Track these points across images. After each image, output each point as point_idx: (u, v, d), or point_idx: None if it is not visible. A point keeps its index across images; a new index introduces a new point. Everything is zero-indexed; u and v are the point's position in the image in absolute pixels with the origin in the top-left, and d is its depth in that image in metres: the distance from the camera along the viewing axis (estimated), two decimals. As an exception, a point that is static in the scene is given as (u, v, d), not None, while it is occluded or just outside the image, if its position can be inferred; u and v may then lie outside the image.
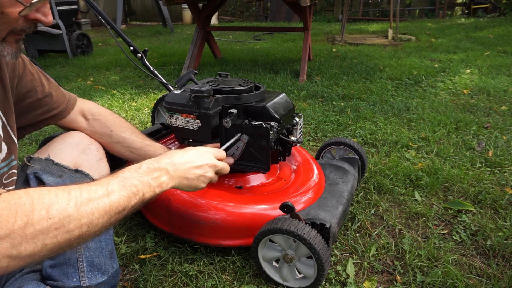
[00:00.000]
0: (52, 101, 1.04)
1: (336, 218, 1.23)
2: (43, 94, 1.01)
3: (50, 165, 0.94)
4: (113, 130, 1.15)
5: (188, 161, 0.87)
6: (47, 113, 1.04)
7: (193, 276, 1.21)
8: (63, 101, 1.08)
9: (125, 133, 1.17)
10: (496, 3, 8.18)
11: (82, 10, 7.91)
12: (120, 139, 1.15)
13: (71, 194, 0.62)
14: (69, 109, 1.10)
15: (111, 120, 1.17)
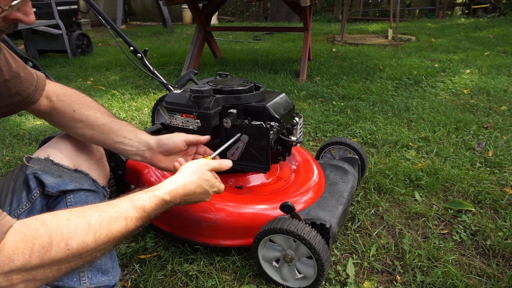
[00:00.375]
0: (20, 82, 0.91)
1: (336, 218, 1.23)
2: (10, 75, 0.88)
3: (49, 165, 0.94)
4: (76, 109, 1.02)
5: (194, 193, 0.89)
6: (16, 96, 0.91)
7: (193, 276, 1.21)
8: (32, 81, 0.95)
9: (89, 111, 1.03)
10: (496, 3, 8.18)
11: (82, 10, 7.91)
12: (83, 118, 1.02)
13: (91, 225, 0.62)
14: (40, 90, 0.97)
15: (75, 99, 1.04)
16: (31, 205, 0.89)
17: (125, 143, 1.03)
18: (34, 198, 0.90)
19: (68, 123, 1.02)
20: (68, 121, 1.01)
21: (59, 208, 0.90)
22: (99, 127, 1.03)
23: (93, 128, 1.02)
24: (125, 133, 1.04)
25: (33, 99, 0.95)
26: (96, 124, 1.03)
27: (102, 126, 1.03)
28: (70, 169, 0.95)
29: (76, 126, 1.02)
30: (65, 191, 0.90)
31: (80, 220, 0.61)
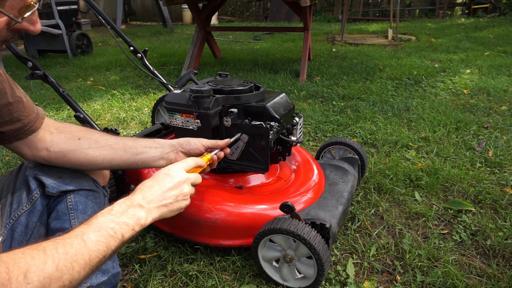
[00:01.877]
0: (23, 107, 0.86)
1: (336, 218, 1.23)
2: (14, 98, 0.84)
3: (49, 165, 0.94)
4: (81, 137, 0.96)
5: (158, 187, 0.82)
6: (16, 122, 0.85)
7: (193, 276, 1.22)
8: (32, 109, 0.90)
9: (95, 135, 0.99)
10: (496, 3, 8.18)
11: (82, 10, 7.91)
12: (92, 142, 0.96)
13: (47, 252, 0.59)
14: (40, 119, 0.91)
15: (77, 129, 0.98)
16: (32, 206, 0.89)
17: (147, 152, 1.00)
18: (34, 198, 0.90)
19: (73, 153, 0.94)
20: (73, 150, 0.94)
21: (60, 208, 0.90)
22: (110, 146, 0.98)
23: (105, 149, 0.97)
24: (142, 143, 1.01)
25: (33, 126, 0.89)
26: (107, 144, 0.98)
27: (114, 145, 0.98)
28: (69, 169, 0.95)
29: (85, 153, 0.95)
30: (65, 191, 0.90)
31: (35, 251, 0.58)
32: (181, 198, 0.84)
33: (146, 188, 0.81)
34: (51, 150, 0.92)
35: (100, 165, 0.97)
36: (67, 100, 1.50)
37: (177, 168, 0.88)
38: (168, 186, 0.83)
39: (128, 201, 0.77)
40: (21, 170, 0.95)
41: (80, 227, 0.67)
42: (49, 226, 0.90)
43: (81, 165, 0.95)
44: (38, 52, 5.37)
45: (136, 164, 1.00)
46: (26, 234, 0.88)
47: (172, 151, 1.02)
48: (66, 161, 0.93)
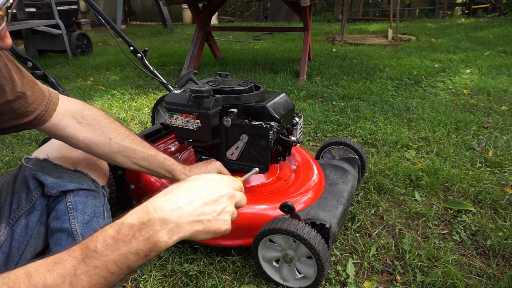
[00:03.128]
0: (26, 103, 0.81)
1: (336, 218, 1.23)
2: (14, 95, 0.79)
3: (48, 165, 0.94)
4: (112, 138, 0.95)
5: (199, 194, 0.59)
6: (21, 117, 0.82)
7: (193, 276, 1.21)
8: (41, 101, 0.85)
9: (125, 141, 0.97)
10: (496, 3, 8.17)
11: (82, 10, 7.91)
12: (121, 149, 0.96)
13: None
14: (50, 111, 0.86)
15: (107, 125, 0.95)
16: (31, 206, 0.89)
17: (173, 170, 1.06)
18: (34, 199, 0.90)
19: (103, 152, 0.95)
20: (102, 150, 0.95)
21: (59, 208, 0.90)
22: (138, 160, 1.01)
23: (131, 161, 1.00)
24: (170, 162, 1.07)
25: (42, 119, 0.85)
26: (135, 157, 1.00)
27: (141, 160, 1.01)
28: (69, 169, 0.95)
29: (114, 156, 0.97)
30: (65, 191, 0.90)
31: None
32: (222, 217, 0.62)
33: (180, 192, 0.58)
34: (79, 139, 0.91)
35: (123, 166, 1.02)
36: (67, 100, 1.49)
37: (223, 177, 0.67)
38: (212, 197, 0.60)
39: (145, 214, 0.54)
40: (20, 170, 0.95)
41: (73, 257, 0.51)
42: (49, 226, 0.90)
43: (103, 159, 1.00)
44: (38, 52, 5.37)
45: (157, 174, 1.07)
46: (26, 234, 0.88)
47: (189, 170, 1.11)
48: (93, 153, 0.96)
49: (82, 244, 0.53)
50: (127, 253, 0.52)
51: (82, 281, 0.49)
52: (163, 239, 0.53)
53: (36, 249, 0.91)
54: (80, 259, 0.51)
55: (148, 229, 0.53)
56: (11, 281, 0.47)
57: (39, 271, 0.49)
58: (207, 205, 0.59)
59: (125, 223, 0.53)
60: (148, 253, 0.53)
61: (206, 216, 0.59)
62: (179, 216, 0.55)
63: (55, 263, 0.50)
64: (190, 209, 0.57)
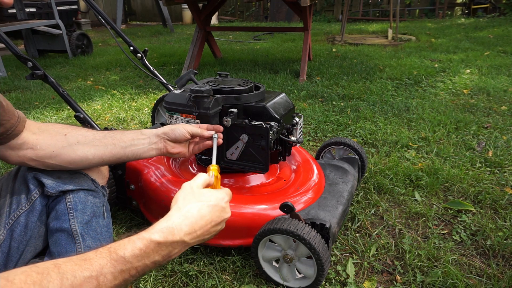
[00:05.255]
0: (3, 111, 0.80)
1: (336, 218, 1.23)
2: None
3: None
4: (67, 133, 0.92)
5: (210, 220, 0.75)
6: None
7: (193, 276, 1.21)
8: (13, 112, 0.84)
9: (81, 131, 0.95)
10: (496, 3, 8.17)
11: (82, 10, 7.91)
12: (79, 138, 0.92)
13: None
14: (22, 122, 0.86)
15: (60, 126, 0.95)
16: (31, 206, 0.89)
17: (135, 144, 0.98)
18: (33, 199, 0.90)
19: (62, 149, 0.90)
20: (61, 147, 0.90)
21: (59, 208, 0.90)
22: (99, 141, 0.94)
23: (95, 144, 0.93)
24: (130, 136, 0.99)
25: (15, 130, 0.84)
26: (95, 139, 0.94)
27: (102, 139, 0.95)
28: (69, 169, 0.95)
29: (74, 149, 0.91)
30: (64, 191, 0.90)
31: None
32: (219, 229, 0.80)
33: (198, 217, 0.72)
34: (37, 148, 0.88)
35: (91, 161, 0.93)
36: (67, 100, 1.50)
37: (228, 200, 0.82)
38: (217, 221, 0.77)
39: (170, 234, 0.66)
40: (20, 170, 0.95)
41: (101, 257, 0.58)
42: (49, 226, 0.90)
43: (72, 162, 0.91)
44: (38, 52, 5.37)
45: (126, 157, 0.97)
46: (26, 234, 0.88)
47: (159, 140, 1.02)
48: (55, 157, 0.89)
49: (109, 247, 0.61)
50: (148, 263, 0.63)
51: (107, 279, 0.57)
52: (176, 253, 0.70)
53: (36, 249, 0.91)
54: (107, 260, 0.59)
55: (170, 248, 0.67)
56: (40, 269, 0.52)
57: (67, 264, 0.55)
58: (213, 227, 0.76)
59: (153, 240, 0.65)
60: (161, 263, 0.66)
61: (211, 234, 0.76)
62: (193, 237, 0.72)
63: (82, 260, 0.57)
64: (202, 232, 0.73)
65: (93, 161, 0.93)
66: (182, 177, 1.38)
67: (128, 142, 0.98)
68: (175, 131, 1.03)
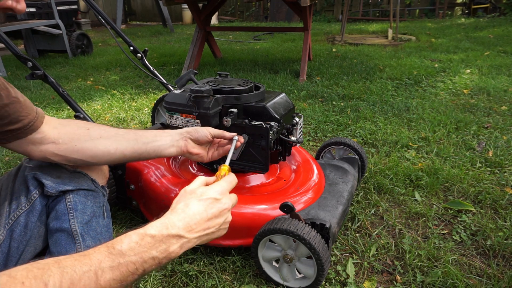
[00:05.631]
0: (20, 107, 0.82)
1: (336, 218, 1.23)
2: (9, 99, 0.80)
3: (48, 165, 0.94)
4: (90, 127, 0.93)
5: (205, 213, 0.72)
6: (15, 123, 0.82)
7: (193, 276, 1.21)
8: (32, 108, 0.86)
9: (103, 127, 0.97)
10: (496, 3, 8.17)
11: (82, 10, 7.91)
12: (102, 132, 0.93)
13: (49, 286, 0.52)
14: (40, 117, 0.87)
15: (82, 122, 0.96)
16: (31, 206, 0.89)
17: (157, 140, 0.98)
18: (33, 198, 0.90)
19: (84, 143, 0.90)
20: (84, 141, 0.90)
21: (59, 208, 0.90)
22: (122, 136, 0.95)
23: (117, 139, 0.93)
24: (152, 133, 1.00)
25: (33, 126, 0.85)
26: (118, 134, 0.95)
27: (125, 134, 0.95)
28: (68, 169, 0.95)
29: (96, 143, 0.91)
30: (64, 191, 0.90)
31: (36, 282, 0.52)
32: (223, 226, 0.77)
33: (191, 213, 0.71)
34: (60, 142, 0.88)
35: (113, 156, 0.93)
36: (67, 100, 1.50)
37: (224, 191, 0.79)
38: (214, 214, 0.73)
39: (165, 229, 0.66)
40: (20, 170, 0.95)
41: (98, 252, 0.60)
42: (48, 226, 0.90)
43: (94, 156, 0.91)
44: (38, 52, 5.37)
45: (147, 153, 0.97)
46: (26, 234, 0.88)
47: (181, 138, 1.01)
48: (77, 151, 0.89)
49: (107, 244, 0.62)
50: (146, 258, 0.63)
51: (105, 273, 0.58)
52: (176, 250, 0.67)
53: (36, 249, 0.91)
54: (105, 255, 0.60)
55: (165, 241, 0.66)
56: (41, 265, 0.54)
57: (67, 260, 0.57)
58: (211, 220, 0.73)
59: (147, 234, 0.65)
60: (161, 260, 0.65)
61: (210, 229, 0.73)
62: (190, 231, 0.69)
63: (81, 256, 0.59)
64: (199, 227, 0.71)
65: (115, 155, 0.93)
66: (182, 177, 1.38)
67: (150, 138, 0.98)
68: (198, 130, 1.03)
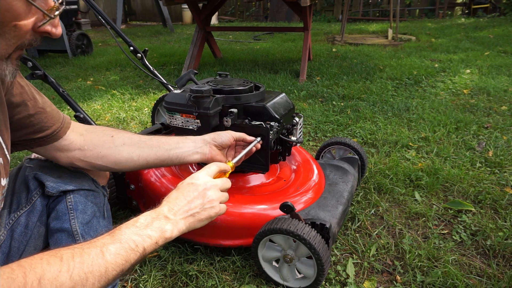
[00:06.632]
0: (46, 118, 0.86)
1: (336, 218, 1.23)
2: (35, 110, 0.84)
3: (49, 165, 0.94)
4: (114, 134, 0.97)
5: (183, 197, 0.80)
6: (39, 132, 0.85)
7: (193, 276, 1.21)
8: (58, 118, 0.90)
9: (127, 134, 1.00)
10: (496, 3, 8.17)
11: (82, 10, 7.91)
12: (126, 139, 0.97)
13: (63, 259, 0.59)
14: (65, 128, 0.90)
15: (108, 129, 1.00)
16: (31, 206, 0.89)
17: (180, 147, 1.00)
18: (34, 199, 0.90)
19: (108, 150, 0.94)
20: (108, 147, 0.94)
21: (59, 208, 0.90)
22: (145, 143, 0.98)
23: (140, 146, 0.96)
24: (175, 140, 1.02)
25: (57, 135, 0.89)
26: (141, 141, 0.98)
27: (148, 141, 0.98)
28: (69, 169, 0.95)
29: (120, 150, 0.95)
30: (65, 191, 0.90)
31: (53, 258, 0.59)
32: (208, 206, 0.81)
33: (171, 199, 0.79)
34: (85, 149, 0.92)
35: (136, 163, 0.96)
36: (67, 100, 1.50)
37: (201, 175, 0.85)
38: (193, 195, 0.81)
39: (154, 213, 0.75)
40: (20, 170, 0.95)
41: (102, 237, 0.67)
42: (49, 226, 0.90)
43: (117, 163, 0.95)
44: (38, 52, 5.37)
45: (170, 160, 0.99)
46: (26, 234, 0.88)
47: (205, 145, 1.02)
48: (102, 157, 0.93)
49: (108, 232, 0.69)
50: (144, 236, 0.70)
51: (109, 251, 0.64)
52: (169, 229, 0.74)
53: (36, 249, 0.91)
54: (108, 238, 0.67)
55: (158, 221, 0.74)
56: (52, 252, 0.61)
57: (77, 245, 0.64)
58: (192, 202, 0.80)
59: (141, 217, 0.74)
60: (158, 240, 0.71)
61: (193, 210, 0.79)
62: (175, 214, 0.77)
63: (88, 242, 0.65)
64: (181, 210, 0.78)
65: (138, 162, 0.96)
66: (182, 177, 1.38)
67: (173, 145, 1.00)
68: (221, 135, 1.05)
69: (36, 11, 0.60)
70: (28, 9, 0.59)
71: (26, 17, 0.59)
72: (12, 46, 0.61)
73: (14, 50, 0.62)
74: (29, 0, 0.58)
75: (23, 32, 0.60)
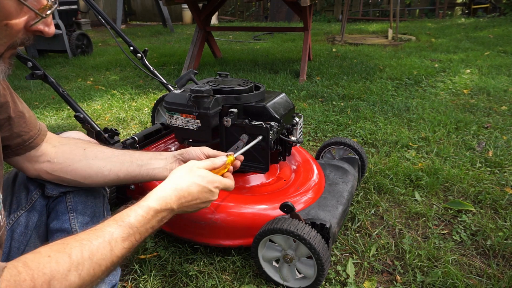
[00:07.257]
0: (24, 122, 0.83)
1: (336, 218, 1.23)
2: (15, 113, 0.80)
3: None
4: (87, 148, 0.94)
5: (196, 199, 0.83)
6: (16, 138, 0.82)
7: (193, 276, 1.21)
8: (35, 125, 0.87)
9: (100, 147, 0.97)
10: (496, 3, 8.17)
11: (82, 10, 7.91)
12: (98, 153, 0.93)
13: (72, 257, 0.59)
14: (41, 135, 0.88)
15: (82, 141, 0.97)
16: (31, 207, 0.89)
17: (152, 163, 0.97)
18: (34, 199, 0.90)
19: (79, 163, 0.90)
20: (78, 160, 0.90)
21: (59, 209, 0.90)
22: (117, 157, 0.95)
23: (112, 160, 0.93)
24: (148, 155, 0.98)
25: (33, 143, 0.86)
26: (114, 155, 0.95)
27: (120, 156, 0.95)
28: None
29: (90, 164, 0.91)
30: (64, 192, 0.90)
31: (61, 255, 0.59)
32: (202, 200, 0.85)
33: (185, 193, 0.81)
34: (54, 161, 0.89)
35: (107, 177, 0.92)
36: (67, 100, 1.50)
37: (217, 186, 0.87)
38: (202, 200, 0.84)
39: (164, 203, 0.77)
40: (19, 171, 0.95)
41: (109, 225, 0.68)
42: (49, 226, 0.90)
43: (87, 177, 0.91)
44: (38, 52, 5.37)
45: (141, 176, 0.96)
46: (26, 235, 0.88)
47: (175, 161, 0.99)
48: (71, 171, 0.89)
49: (114, 218, 0.70)
50: (148, 227, 0.73)
51: (116, 241, 0.66)
52: (166, 218, 0.78)
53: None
54: (115, 227, 0.68)
55: (164, 214, 0.77)
56: (60, 241, 0.62)
57: (82, 234, 0.65)
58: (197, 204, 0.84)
59: (151, 207, 0.75)
60: (156, 228, 0.77)
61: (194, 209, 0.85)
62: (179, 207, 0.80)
63: (94, 229, 0.67)
64: (187, 205, 0.82)
65: (108, 177, 0.93)
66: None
67: (145, 161, 0.96)
68: (190, 151, 1.00)
69: (28, 10, 0.59)
70: (20, 8, 0.58)
71: (17, 16, 0.58)
72: (4, 45, 0.60)
73: (6, 49, 0.61)
74: (20, 0, 0.57)
75: (15, 31, 0.60)
